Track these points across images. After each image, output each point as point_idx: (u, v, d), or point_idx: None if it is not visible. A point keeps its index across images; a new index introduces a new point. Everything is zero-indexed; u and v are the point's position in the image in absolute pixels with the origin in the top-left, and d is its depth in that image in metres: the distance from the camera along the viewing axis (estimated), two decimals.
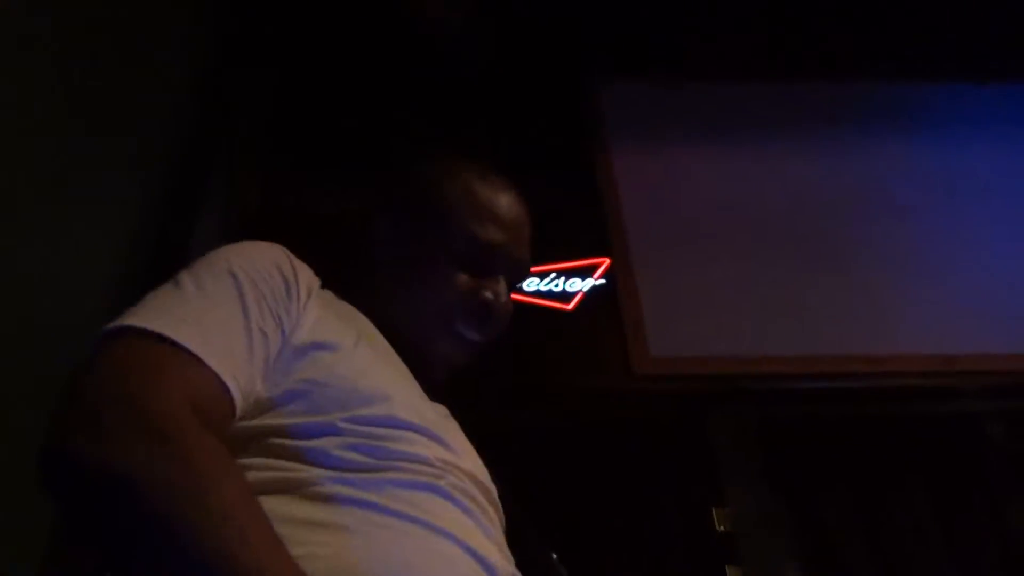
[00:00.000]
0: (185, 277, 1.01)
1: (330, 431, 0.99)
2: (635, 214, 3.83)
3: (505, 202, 1.31)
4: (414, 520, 0.96)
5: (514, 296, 3.72)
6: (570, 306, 3.66)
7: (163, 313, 0.94)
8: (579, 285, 3.72)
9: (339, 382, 1.03)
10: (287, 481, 0.95)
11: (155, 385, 0.86)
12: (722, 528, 3.12)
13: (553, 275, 3.76)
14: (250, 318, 1.00)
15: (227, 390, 0.93)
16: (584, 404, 3.38)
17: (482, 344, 1.28)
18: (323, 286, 1.22)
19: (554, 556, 1.30)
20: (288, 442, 0.98)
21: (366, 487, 0.97)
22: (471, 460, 1.14)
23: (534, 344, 3.52)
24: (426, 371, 1.23)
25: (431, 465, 1.02)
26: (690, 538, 3.15)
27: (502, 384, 3.37)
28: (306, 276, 1.15)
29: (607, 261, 3.76)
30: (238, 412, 0.97)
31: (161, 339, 0.90)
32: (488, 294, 1.24)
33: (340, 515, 0.93)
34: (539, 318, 3.62)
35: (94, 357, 0.87)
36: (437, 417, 1.16)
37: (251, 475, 0.95)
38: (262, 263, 1.08)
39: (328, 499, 0.94)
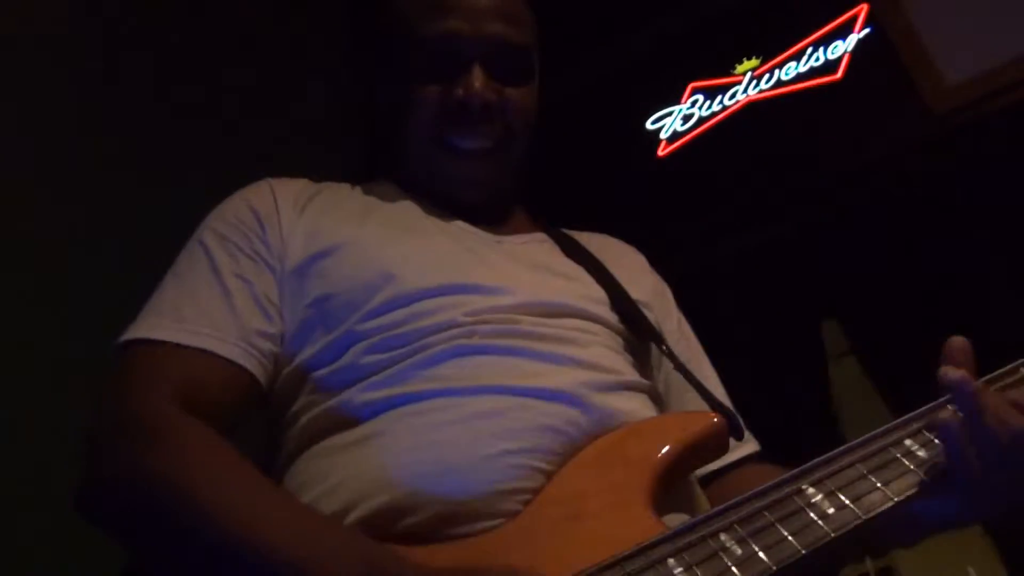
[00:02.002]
0: (171, 270, 1.03)
1: (351, 341, 0.96)
2: None
3: None
4: (442, 392, 0.90)
5: (776, 91, 3.41)
6: (839, 74, 3.22)
7: (146, 315, 0.97)
8: (841, 48, 3.26)
9: (345, 284, 0.99)
10: (327, 413, 0.94)
11: (131, 392, 0.89)
12: None
13: (808, 49, 3.33)
14: (222, 274, 0.99)
15: (220, 357, 0.94)
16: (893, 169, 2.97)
17: (488, 149, 1.11)
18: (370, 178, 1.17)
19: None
20: (321, 372, 0.97)
21: (394, 382, 0.93)
22: (526, 287, 1.02)
23: (813, 130, 3.17)
24: (464, 201, 1.13)
25: (457, 325, 0.95)
26: None
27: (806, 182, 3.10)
28: (291, 192, 1.09)
29: (864, 7, 3.25)
30: (255, 365, 0.96)
31: (141, 343, 0.93)
32: (458, 91, 1.07)
33: (373, 425, 0.91)
34: (811, 102, 3.24)
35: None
36: (477, 255, 1.06)
37: (302, 421, 0.96)
38: (232, 212, 1.06)
39: (361, 413, 0.92)
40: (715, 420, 0.94)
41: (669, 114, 3.54)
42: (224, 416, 0.93)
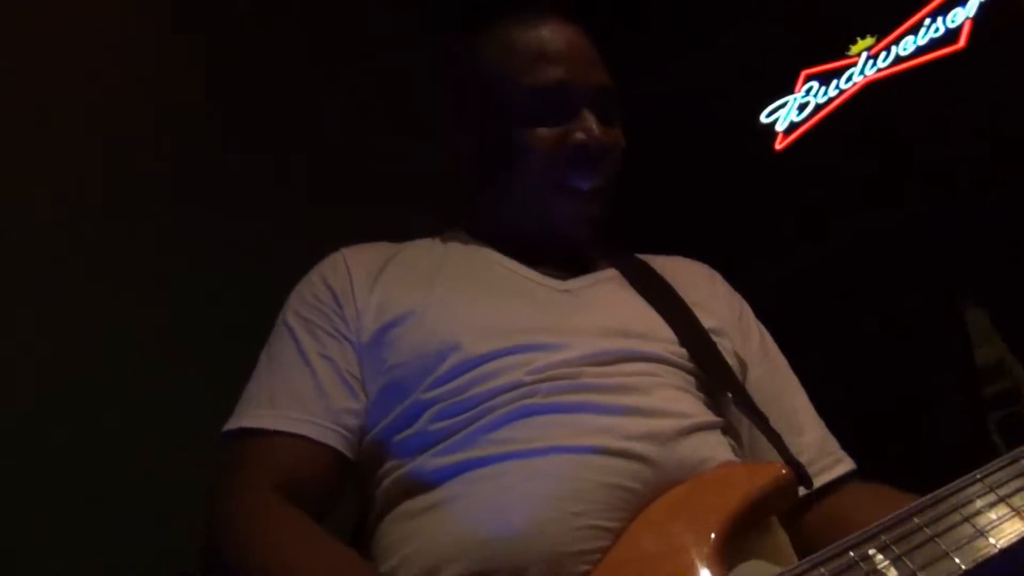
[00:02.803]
0: (263, 352, 1.10)
1: (421, 408, 0.99)
2: None
3: (549, 32, 1.14)
4: (508, 456, 0.92)
5: (895, 69, 3.25)
6: (961, 43, 3.04)
7: (245, 404, 1.05)
8: (962, 15, 3.08)
9: (412, 353, 1.02)
10: (405, 478, 0.98)
11: (234, 484, 0.98)
12: None
13: (926, 21, 3.17)
14: (308, 356, 1.05)
15: (311, 440, 0.99)
16: None
17: (602, 188, 1.13)
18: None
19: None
20: (396, 439, 1.01)
21: (462, 447, 0.95)
22: (588, 337, 1.02)
23: (939, 105, 3.01)
24: (561, 246, 1.15)
25: (520, 386, 0.96)
26: None
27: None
28: (364, 263, 1.14)
29: None
30: (343, 444, 1.02)
31: (242, 433, 1.02)
32: (578, 134, 1.10)
33: (445, 490, 0.94)
34: (934, 75, 3.08)
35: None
36: (541, 309, 1.07)
37: (383, 486, 1.00)
38: (310, 292, 1.12)
39: (435, 478, 0.96)
40: (783, 473, 0.92)
41: (783, 105, 3.44)
42: (319, 492, 0.99)
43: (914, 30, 3.19)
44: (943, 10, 3.13)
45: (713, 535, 0.85)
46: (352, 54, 2.98)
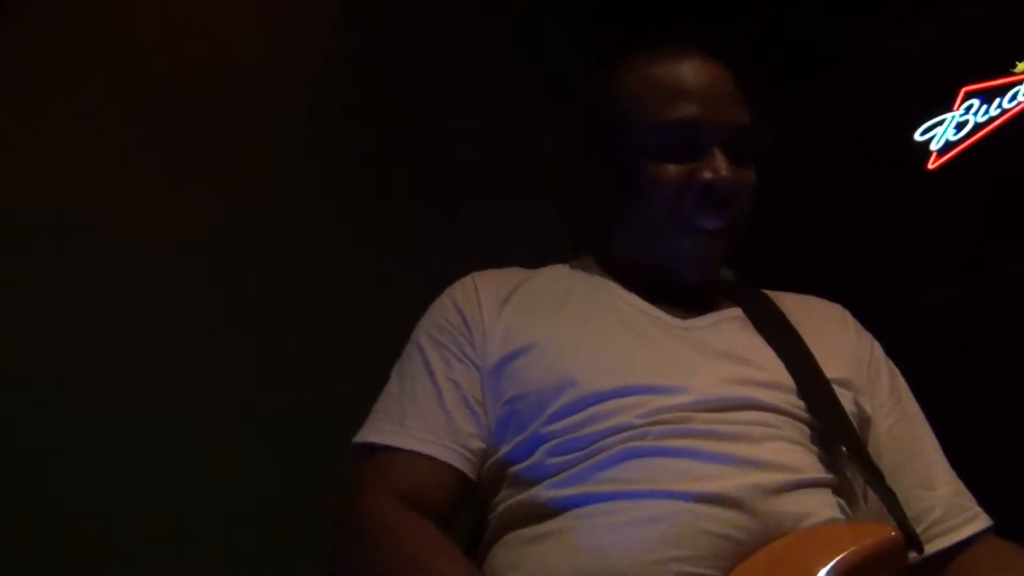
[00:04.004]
0: (395, 369, 1.19)
1: (538, 442, 1.05)
2: None
3: (688, 68, 1.15)
4: (615, 495, 0.97)
5: None
6: None
7: (375, 419, 1.14)
8: None
9: (532, 386, 1.08)
10: (520, 506, 1.05)
11: (362, 497, 1.07)
12: None
13: None
14: (437, 379, 1.12)
15: (435, 459, 1.07)
16: None
17: (728, 228, 1.15)
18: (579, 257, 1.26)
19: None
20: (514, 468, 1.07)
21: (575, 482, 1.01)
22: (704, 382, 1.05)
23: None
24: (684, 283, 1.18)
25: (631, 428, 1.01)
26: None
27: None
28: (493, 289, 1.19)
29: None
30: (465, 465, 1.09)
31: (369, 449, 1.11)
32: (706, 173, 1.11)
33: (555, 523, 1.00)
34: None
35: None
36: (660, 350, 1.10)
37: (499, 510, 1.08)
38: (442, 313, 1.19)
39: (547, 510, 1.02)
40: (891, 535, 0.92)
41: (940, 123, 3.30)
42: (442, 507, 1.07)
43: None
44: None
45: None
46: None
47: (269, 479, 2.27)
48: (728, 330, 1.17)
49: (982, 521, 1.12)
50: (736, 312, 1.20)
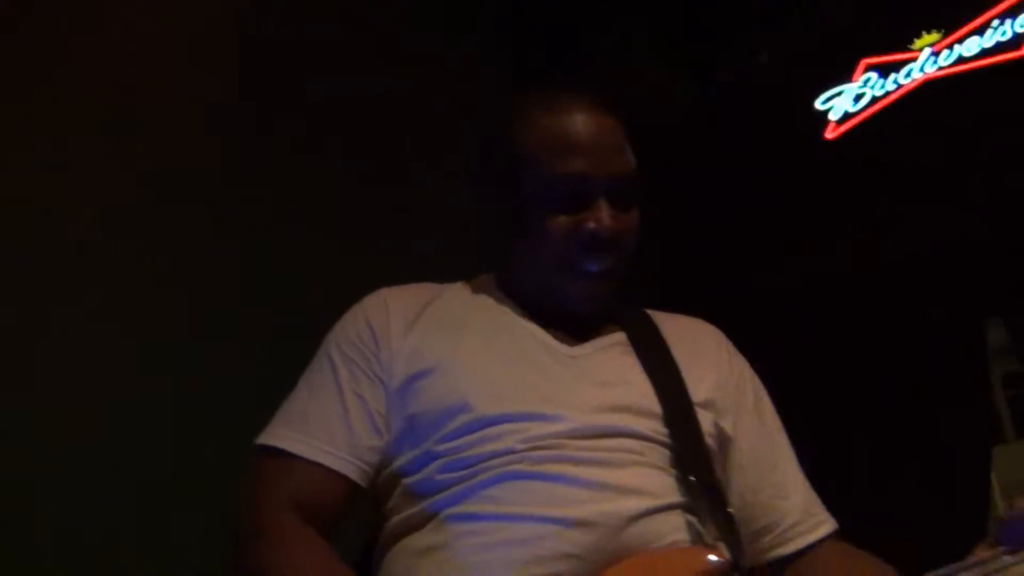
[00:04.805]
0: (304, 376, 1.24)
1: (430, 459, 1.13)
2: None
3: (578, 122, 1.21)
4: (492, 516, 1.06)
5: (956, 69, 3.21)
6: (1022, 50, 3.00)
7: (279, 423, 1.19)
8: None
9: (430, 406, 1.15)
10: (410, 517, 1.12)
11: (259, 501, 1.13)
12: None
13: (994, 22, 3.12)
14: (344, 392, 1.18)
15: (332, 471, 1.13)
16: None
17: (612, 269, 1.22)
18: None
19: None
20: (407, 480, 1.14)
21: (459, 500, 1.09)
22: (581, 411, 1.14)
23: (994, 114, 2.99)
24: (569, 314, 1.25)
25: (513, 452, 1.09)
26: None
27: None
28: (403, 308, 1.25)
29: None
30: (361, 476, 1.15)
31: (272, 452, 1.15)
32: (591, 224, 1.19)
33: (441, 535, 1.08)
34: (995, 80, 3.05)
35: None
36: (547, 378, 1.18)
37: (393, 519, 1.14)
38: (353, 330, 1.23)
39: (434, 523, 1.10)
40: (719, 560, 1.04)
41: (839, 93, 3.43)
42: (333, 514, 1.14)
43: (980, 30, 3.14)
44: (1013, 12, 3.08)
45: None
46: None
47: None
48: (609, 357, 1.25)
49: (828, 526, 1.24)
50: (620, 337, 1.29)
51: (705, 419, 1.21)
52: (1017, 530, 1.04)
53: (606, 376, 1.20)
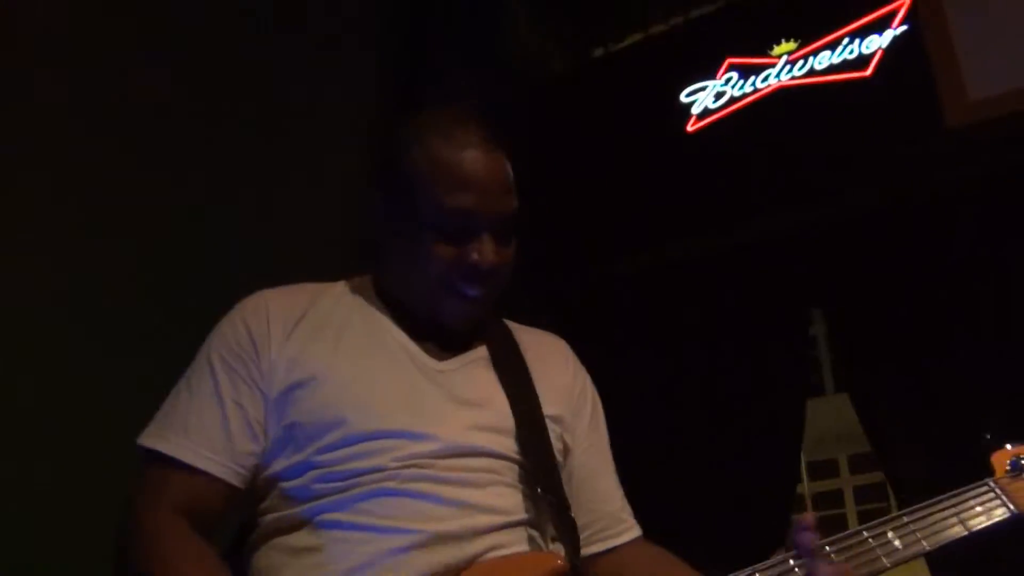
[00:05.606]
0: (184, 377, 1.30)
1: (308, 468, 1.23)
2: None
3: (470, 159, 1.31)
4: (364, 527, 1.19)
5: (806, 80, 3.45)
6: (868, 71, 3.28)
7: (160, 426, 1.26)
8: (876, 43, 3.31)
9: (309, 418, 1.24)
10: (286, 518, 1.23)
11: (143, 504, 1.21)
12: None
13: (845, 40, 3.38)
14: (223, 400, 1.26)
15: (214, 476, 1.22)
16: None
17: (486, 295, 1.34)
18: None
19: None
20: (285, 484, 1.24)
21: (337, 508, 1.20)
22: (448, 431, 1.26)
23: (835, 126, 3.26)
24: (441, 328, 1.36)
25: (385, 469, 1.21)
26: None
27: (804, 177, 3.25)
28: (282, 314, 1.32)
29: (906, 1, 3.26)
30: (240, 480, 1.24)
31: (156, 455, 1.23)
32: (474, 256, 1.30)
33: (316, 538, 1.20)
34: (838, 96, 3.32)
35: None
36: (418, 395, 1.29)
37: (268, 518, 1.24)
38: (233, 333, 1.30)
39: (308, 527, 1.21)
40: (560, 563, 1.22)
41: (703, 89, 3.64)
42: (212, 517, 1.24)
43: (832, 46, 3.40)
44: (862, 33, 3.34)
45: None
46: None
47: None
48: (473, 374, 1.38)
49: (633, 533, 1.44)
50: (482, 352, 1.41)
51: (554, 433, 1.37)
52: (802, 538, 1.23)
53: (470, 394, 1.34)
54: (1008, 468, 1.29)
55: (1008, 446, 1.32)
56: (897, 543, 1.24)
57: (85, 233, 2.36)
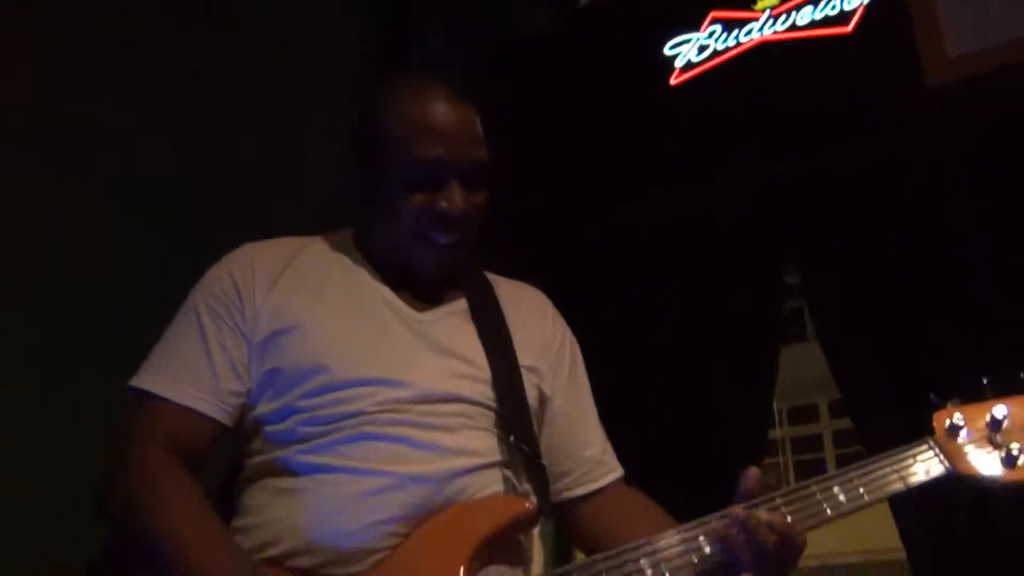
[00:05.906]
0: (172, 324, 1.37)
1: (291, 412, 1.30)
2: None
3: (440, 111, 1.37)
4: (346, 469, 1.25)
5: (788, 35, 3.47)
6: (849, 27, 3.30)
7: (150, 369, 1.33)
8: None
9: (291, 364, 1.31)
10: (270, 461, 1.30)
11: (133, 440, 1.28)
12: None
13: None
14: (209, 342, 1.32)
15: (201, 413, 1.29)
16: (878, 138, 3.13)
17: (459, 241, 1.40)
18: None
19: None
20: (269, 428, 1.31)
21: (319, 451, 1.27)
22: (425, 377, 1.33)
23: (816, 82, 3.29)
24: (418, 279, 1.43)
25: (365, 414, 1.28)
26: None
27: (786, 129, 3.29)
28: (267, 265, 1.39)
29: None
30: (226, 417, 1.31)
31: (146, 395, 1.30)
32: (443, 203, 1.36)
33: (299, 481, 1.27)
34: (819, 52, 3.34)
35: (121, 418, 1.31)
36: (397, 344, 1.36)
37: (255, 459, 1.32)
38: (218, 283, 1.37)
39: (294, 469, 1.28)
40: (528, 506, 1.30)
41: (687, 42, 3.65)
42: (201, 454, 1.31)
43: (815, 1, 3.41)
44: None
45: (467, 547, 1.23)
46: None
47: None
48: (452, 324, 1.45)
49: (615, 474, 1.53)
50: (462, 304, 1.48)
51: (529, 382, 1.44)
52: (744, 493, 1.30)
53: (448, 344, 1.40)
54: (946, 428, 1.37)
55: (948, 405, 1.39)
56: (842, 497, 1.32)
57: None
